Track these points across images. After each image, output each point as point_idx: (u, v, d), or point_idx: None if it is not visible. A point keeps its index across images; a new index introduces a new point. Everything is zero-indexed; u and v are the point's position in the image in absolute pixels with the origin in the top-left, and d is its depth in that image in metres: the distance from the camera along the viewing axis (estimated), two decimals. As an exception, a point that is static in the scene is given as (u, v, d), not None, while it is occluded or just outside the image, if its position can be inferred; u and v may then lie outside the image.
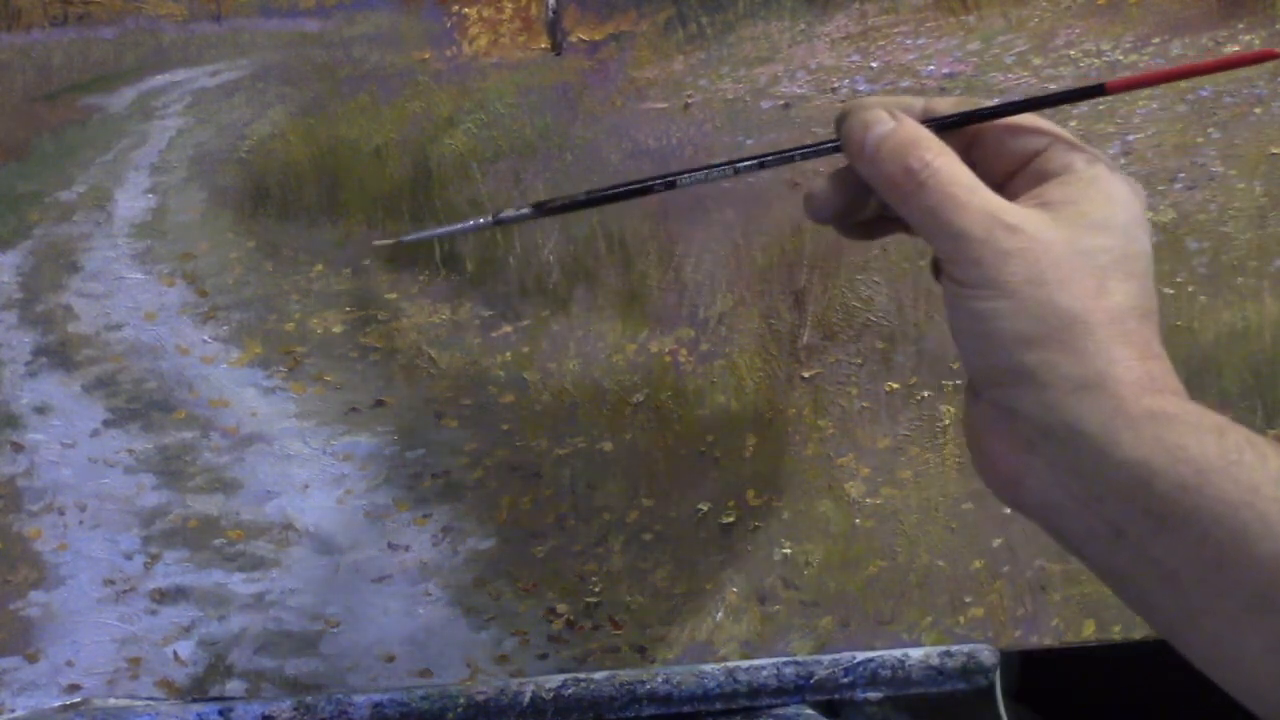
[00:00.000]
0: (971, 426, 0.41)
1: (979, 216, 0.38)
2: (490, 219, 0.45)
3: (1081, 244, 0.38)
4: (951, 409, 0.64)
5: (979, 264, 0.38)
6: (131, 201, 0.60)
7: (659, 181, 0.45)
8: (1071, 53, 0.66)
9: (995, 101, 0.43)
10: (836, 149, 0.43)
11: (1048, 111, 0.43)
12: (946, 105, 0.43)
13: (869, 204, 0.44)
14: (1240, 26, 0.67)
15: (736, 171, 0.45)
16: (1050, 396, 0.37)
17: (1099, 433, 0.36)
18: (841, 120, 0.42)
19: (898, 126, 0.40)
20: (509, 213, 0.45)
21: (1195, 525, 0.35)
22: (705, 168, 0.45)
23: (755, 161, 0.45)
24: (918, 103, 0.43)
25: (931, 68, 0.66)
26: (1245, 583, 0.34)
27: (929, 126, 0.41)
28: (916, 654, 0.62)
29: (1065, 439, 0.37)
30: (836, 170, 0.44)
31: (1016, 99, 0.43)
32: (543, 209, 0.45)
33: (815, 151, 0.44)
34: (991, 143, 0.43)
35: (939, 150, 0.40)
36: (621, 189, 0.45)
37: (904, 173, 0.40)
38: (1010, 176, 0.42)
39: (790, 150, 0.45)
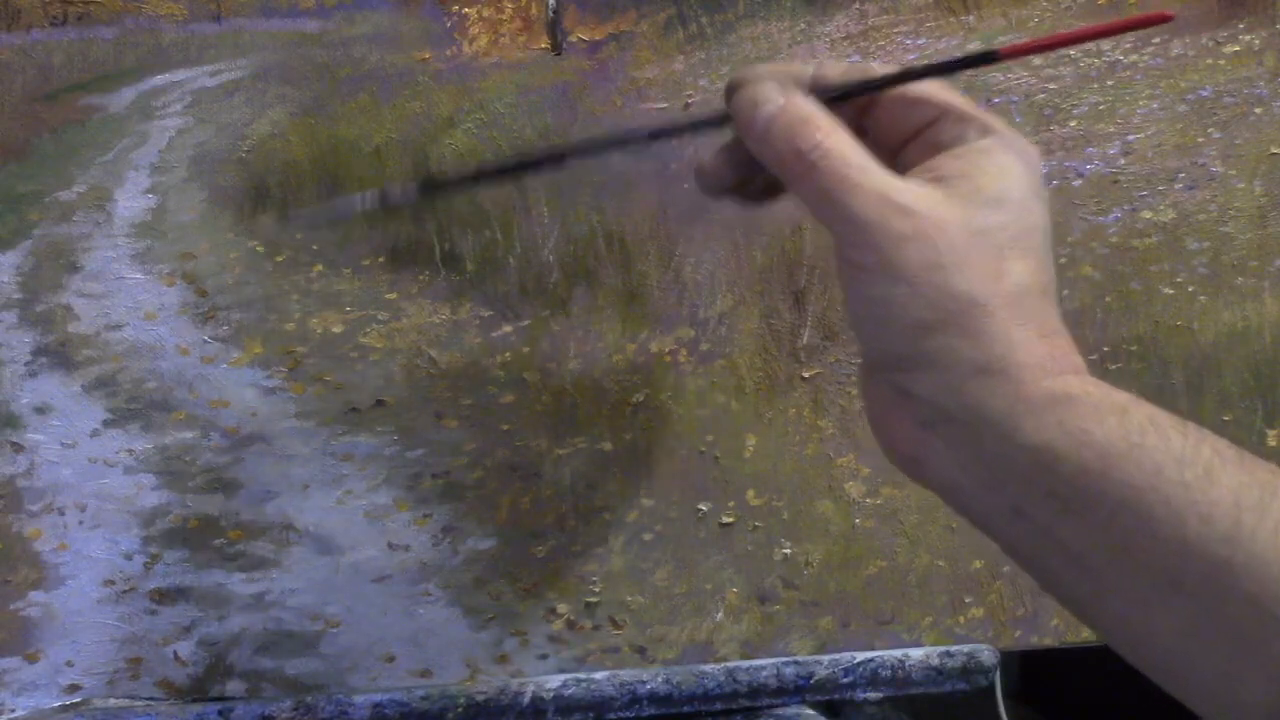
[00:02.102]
0: (871, 405, 0.40)
1: (872, 199, 0.37)
2: (376, 197, 0.44)
3: (976, 223, 0.37)
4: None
5: (873, 248, 0.37)
6: (131, 201, 0.60)
7: (547, 157, 0.44)
8: (1072, 52, 0.66)
9: (889, 69, 0.42)
10: (728, 121, 0.42)
11: (946, 78, 0.42)
12: (836, 72, 0.42)
13: (763, 172, 0.42)
14: (1240, 26, 0.67)
15: (625, 148, 0.44)
16: (950, 381, 0.37)
17: (1000, 417, 0.36)
18: (731, 93, 0.41)
19: (787, 104, 0.39)
20: (395, 192, 0.45)
21: (1099, 509, 0.34)
22: (594, 142, 0.44)
23: (646, 135, 0.44)
24: (807, 71, 0.42)
25: (931, 68, 0.66)
26: (1151, 565, 0.34)
27: (819, 99, 0.40)
28: (916, 654, 0.62)
29: (966, 423, 0.37)
30: (727, 143, 0.43)
31: (909, 67, 0.42)
32: (430, 186, 0.45)
33: (706, 124, 0.43)
34: (884, 111, 0.42)
35: (829, 129, 0.39)
36: (509, 165, 0.44)
37: (794, 154, 0.38)
38: (903, 146, 0.41)
39: (681, 122, 0.44)
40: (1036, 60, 0.66)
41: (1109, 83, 0.66)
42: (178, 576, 0.60)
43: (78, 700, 0.58)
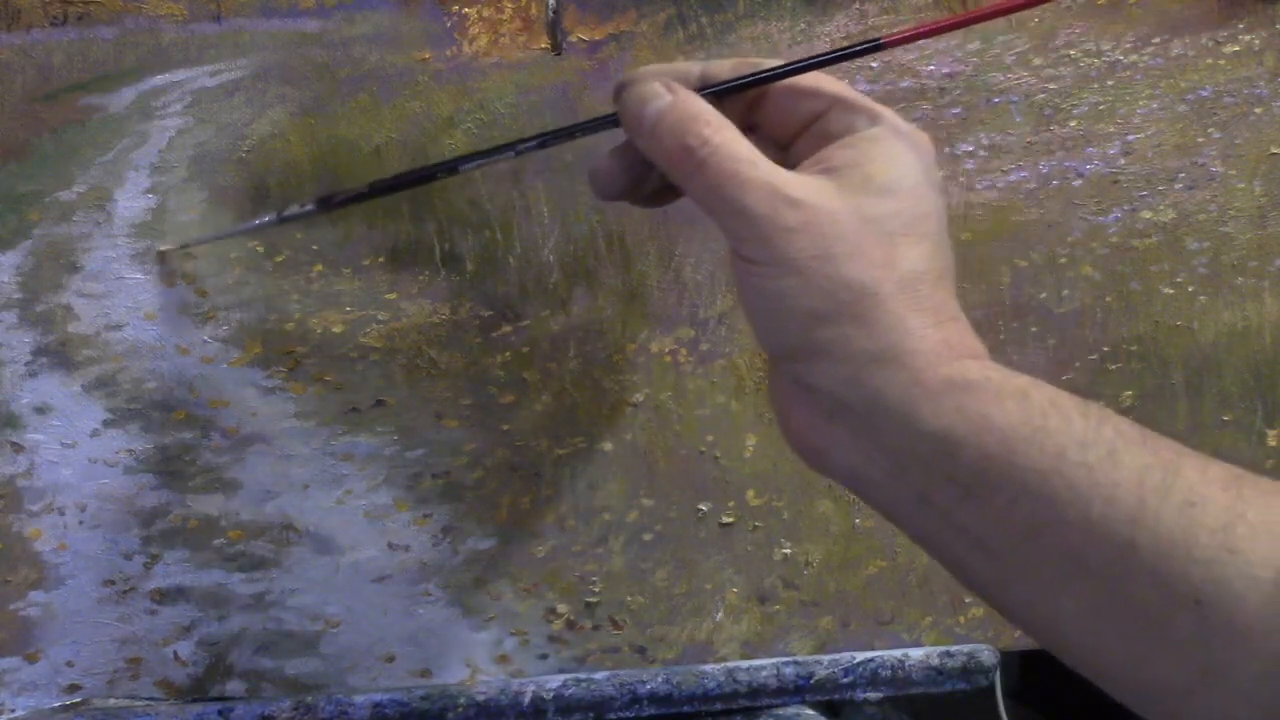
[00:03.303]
0: (775, 399, 0.40)
1: (761, 192, 0.37)
2: (274, 217, 0.44)
3: (867, 211, 0.37)
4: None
5: (764, 241, 0.37)
6: (131, 201, 0.60)
7: (441, 168, 0.44)
8: (1072, 53, 0.66)
9: (775, 62, 0.42)
10: (616, 123, 0.42)
11: (836, 69, 0.41)
12: (725, 68, 0.41)
13: (656, 174, 0.42)
14: (1240, 26, 0.67)
15: (518, 154, 0.44)
16: (846, 371, 0.37)
17: (898, 405, 0.36)
18: (619, 93, 0.41)
19: (674, 101, 0.39)
20: (293, 209, 0.44)
21: (1002, 494, 0.34)
22: (486, 152, 0.44)
23: (536, 142, 0.44)
24: (695, 68, 0.41)
25: (931, 68, 0.66)
26: (1055, 548, 0.34)
27: (707, 95, 0.40)
28: (916, 654, 0.62)
29: (865, 412, 0.37)
30: (618, 145, 0.42)
31: (796, 60, 0.41)
32: (327, 204, 0.44)
33: (595, 127, 0.43)
34: (773, 105, 0.41)
35: (718, 125, 0.38)
36: (404, 178, 0.44)
37: (682, 151, 0.38)
38: (794, 139, 0.41)
39: (570, 126, 0.44)
40: (1036, 60, 0.66)
41: (1109, 83, 0.66)
42: (177, 576, 0.60)
43: (78, 700, 0.58)
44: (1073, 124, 0.65)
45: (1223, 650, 0.32)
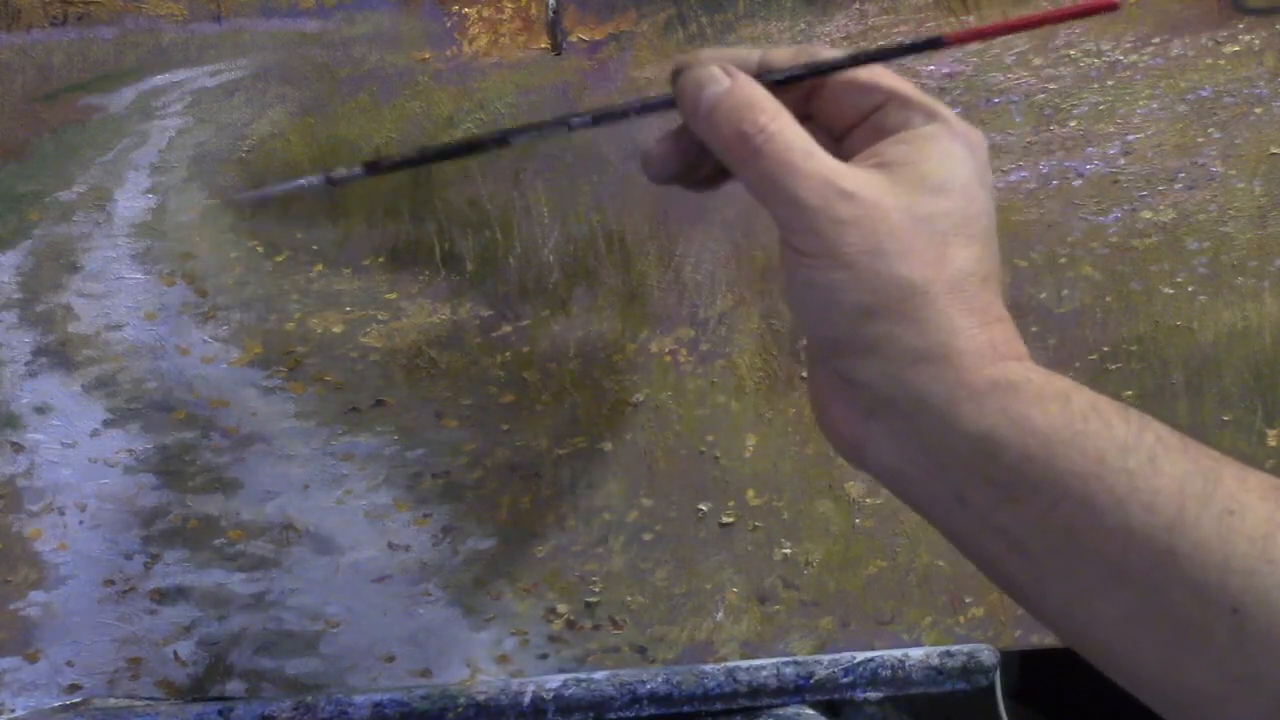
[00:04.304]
0: (815, 392, 0.40)
1: (815, 183, 0.37)
2: (323, 178, 0.44)
3: (920, 209, 0.37)
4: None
5: (816, 233, 0.37)
6: (131, 201, 0.60)
7: (493, 139, 0.44)
8: (1072, 53, 0.66)
9: (835, 53, 0.42)
10: (673, 105, 0.42)
11: (894, 63, 0.41)
12: (784, 57, 0.41)
13: (710, 158, 0.42)
14: (1240, 26, 0.67)
15: (571, 129, 0.44)
16: (892, 368, 0.37)
17: (941, 404, 0.36)
18: (676, 76, 0.41)
19: (732, 86, 0.39)
20: (340, 172, 0.45)
21: (1042, 497, 0.34)
22: (539, 125, 0.44)
23: (589, 117, 0.44)
24: (754, 55, 0.41)
25: (931, 67, 0.66)
26: (1095, 554, 0.34)
27: (765, 83, 0.40)
28: (916, 654, 0.62)
29: (907, 410, 0.37)
30: (673, 129, 0.42)
31: (854, 51, 0.41)
32: (376, 168, 0.45)
33: (651, 107, 0.43)
34: (830, 96, 0.41)
35: (774, 113, 0.38)
36: (455, 147, 0.44)
37: (738, 137, 0.38)
38: (849, 131, 0.41)
39: (625, 105, 0.44)
40: (1036, 60, 0.66)
41: (1109, 83, 0.66)
42: (178, 576, 0.60)
43: (78, 700, 0.58)
44: (1073, 124, 0.65)
45: (1260, 659, 0.32)
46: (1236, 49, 0.66)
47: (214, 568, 0.60)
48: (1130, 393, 0.63)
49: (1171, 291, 0.65)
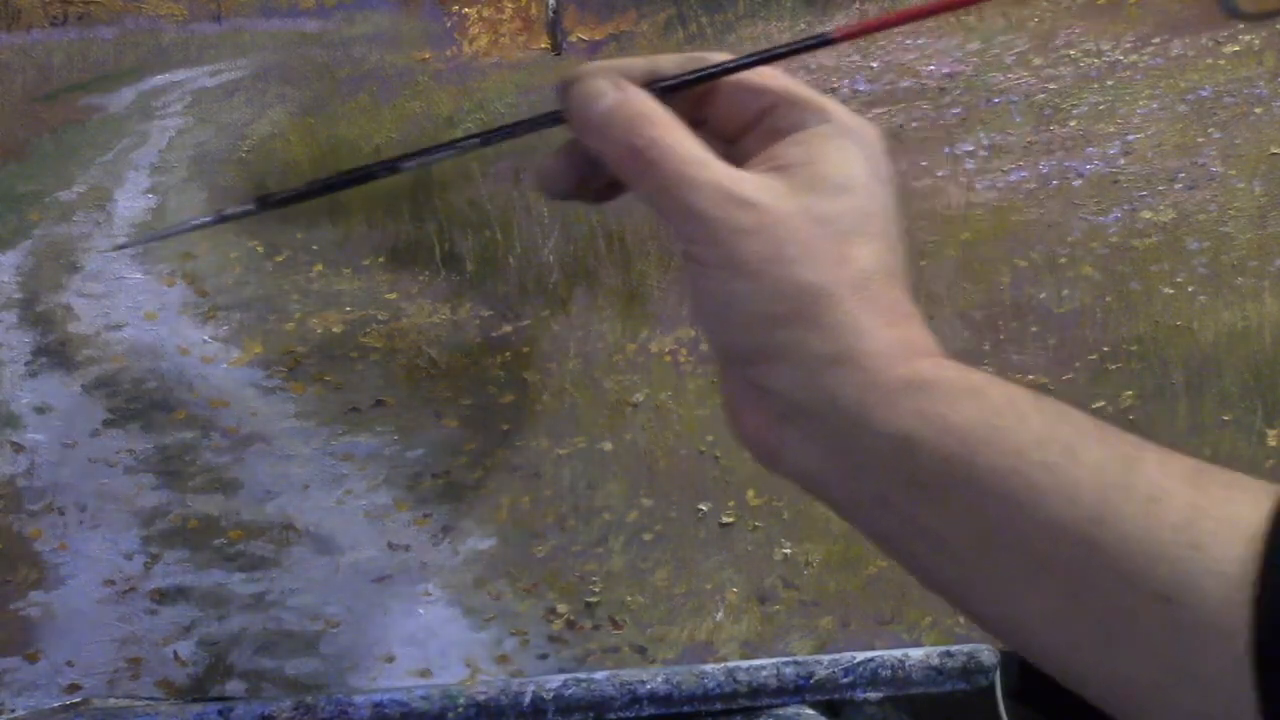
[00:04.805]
0: (726, 399, 0.40)
1: (712, 193, 0.36)
2: (215, 216, 0.44)
3: (819, 210, 0.36)
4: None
5: (716, 243, 0.36)
6: (131, 201, 0.61)
7: (382, 166, 0.44)
8: (1072, 52, 0.66)
9: (723, 56, 0.41)
10: (561, 120, 0.41)
11: (785, 63, 0.41)
12: (672, 64, 0.41)
13: (606, 171, 0.41)
14: (1240, 26, 0.67)
15: (460, 151, 0.44)
16: (801, 373, 0.36)
17: (854, 407, 0.35)
18: (564, 90, 0.40)
19: (622, 99, 0.38)
20: (232, 209, 0.45)
21: (963, 495, 0.34)
22: (427, 150, 0.44)
23: (478, 139, 0.43)
24: (641, 64, 0.40)
25: (932, 67, 0.66)
26: (1020, 550, 0.33)
27: (654, 90, 0.39)
28: (916, 654, 0.62)
29: (820, 414, 0.36)
30: (565, 143, 0.41)
31: (744, 55, 0.41)
32: (266, 203, 0.45)
33: (539, 124, 0.43)
34: (721, 100, 0.41)
35: (665, 124, 0.38)
36: (344, 177, 0.44)
37: (630, 151, 0.37)
38: (742, 134, 0.41)
39: (513, 125, 0.43)
40: (1036, 60, 0.66)
41: (1109, 83, 0.66)
42: (178, 576, 0.60)
43: (78, 700, 0.58)
44: (1073, 124, 0.66)
45: (1191, 646, 0.32)
46: (1236, 49, 0.67)
47: (214, 568, 0.60)
48: (1130, 393, 0.63)
49: (1171, 291, 0.65)
